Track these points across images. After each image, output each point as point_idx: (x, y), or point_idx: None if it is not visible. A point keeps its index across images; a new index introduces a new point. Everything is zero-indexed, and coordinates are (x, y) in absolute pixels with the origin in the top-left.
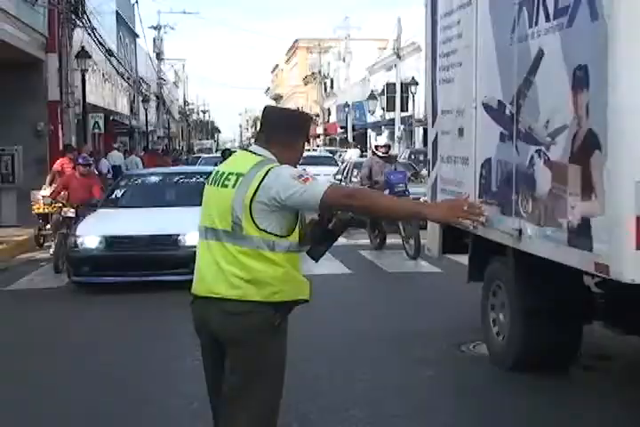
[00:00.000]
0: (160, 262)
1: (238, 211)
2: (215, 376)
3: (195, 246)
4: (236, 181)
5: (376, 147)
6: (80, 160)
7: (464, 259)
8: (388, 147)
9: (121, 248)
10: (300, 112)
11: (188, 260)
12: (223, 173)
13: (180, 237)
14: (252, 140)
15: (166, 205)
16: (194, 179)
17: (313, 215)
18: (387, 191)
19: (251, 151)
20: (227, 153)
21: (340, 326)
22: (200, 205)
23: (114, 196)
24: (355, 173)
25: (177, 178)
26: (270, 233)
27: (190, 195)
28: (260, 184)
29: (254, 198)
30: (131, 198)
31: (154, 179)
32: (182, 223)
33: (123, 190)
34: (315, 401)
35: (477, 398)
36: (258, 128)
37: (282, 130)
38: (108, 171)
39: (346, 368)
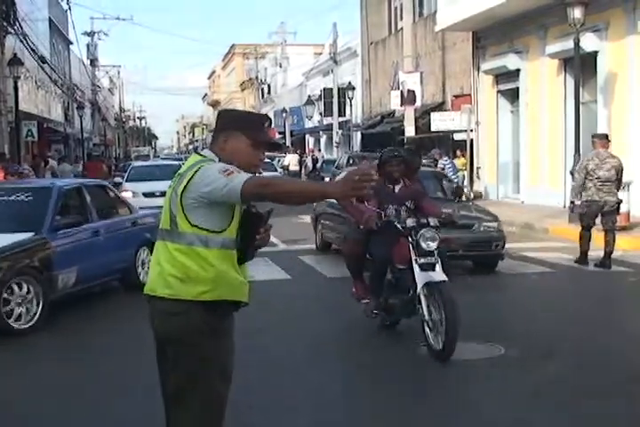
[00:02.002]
0: None
1: (174, 208)
2: (164, 380)
3: None
4: (176, 180)
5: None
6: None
7: None
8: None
9: None
10: (243, 111)
11: None
12: (177, 175)
13: None
14: (190, 147)
15: None
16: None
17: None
18: None
19: (198, 153)
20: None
21: (281, 331)
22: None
23: None
24: None
25: None
26: (203, 228)
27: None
28: (189, 180)
29: (184, 194)
30: None
31: None
32: None
33: None
34: (252, 405)
35: (421, 398)
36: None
37: (221, 129)
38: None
39: (288, 374)
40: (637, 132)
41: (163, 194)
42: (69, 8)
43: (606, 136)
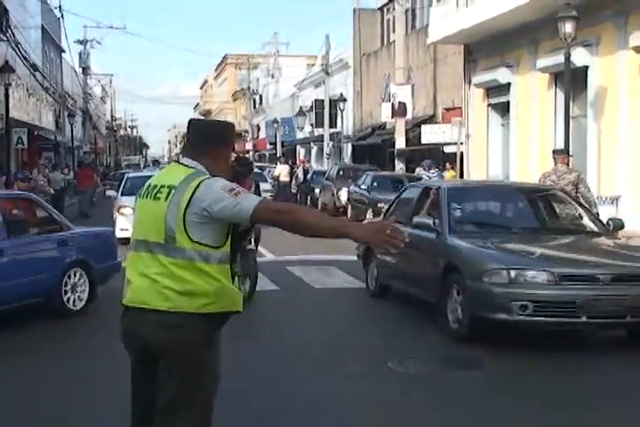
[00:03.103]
0: None
1: (172, 223)
2: (146, 392)
3: None
4: (169, 193)
5: None
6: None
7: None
8: None
9: None
10: (223, 122)
11: None
12: (155, 185)
13: None
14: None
15: None
16: None
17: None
18: None
19: (181, 163)
20: (157, 162)
21: (267, 341)
22: None
23: None
24: None
25: None
26: (203, 244)
27: None
28: (192, 196)
29: (187, 210)
30: None
31: None
32: None
33: None
34: (234, 416)
35: (401, 413)
36: (185, 141)
37: (208, 141)
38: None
39: (271, 384)
40: (626, 146)
41: None
42: (62, 16)
43: (566, 151)
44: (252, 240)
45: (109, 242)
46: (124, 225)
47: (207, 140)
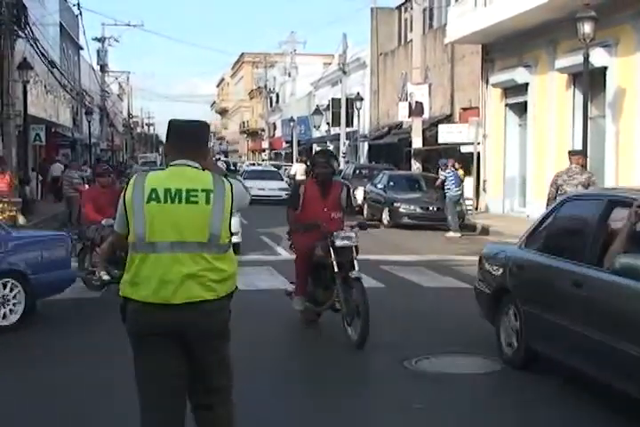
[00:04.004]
0: None
1: (217, 224)
2: (176, 374)
3: None
4: (207, 197)
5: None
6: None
7: (404, 273)
8: None
9: None
10: (204, 122)
11: None
12: (179, 189)
13: None
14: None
15: None
16: None
17: None
18: None
19: (190, 166)
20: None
21: (281, 339)
22: None
23: None
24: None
25: None
26: (231, 234)
27: None
28: (232, 198)
29: (232, 211)
30: None
31: None
32: None
33: None
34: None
35: (417, 414)
36: (171, 142)
37: (203, 142)
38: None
39: (285, 383)
40: None
41: None
42: (80, 13)
43: (582, 152)
44: (354, 262)
45: (60, 249)
46: None
47: (202, 141)
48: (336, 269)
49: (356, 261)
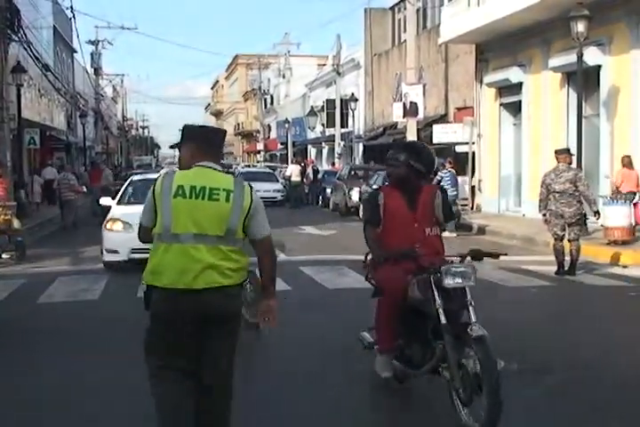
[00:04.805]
0: None
1: (235, 220)
2: (191, 359)
3: None
4: (228, 195)
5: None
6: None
7: None
8: None
9: None
10: (220, 129)
11: None
12: (203, 187)
13: None
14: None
15: None
16: None
17: None
18: None
19: (211, 168)
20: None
21: (282, 340)
22: None
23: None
24: None
25: None
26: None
27: None
28: (251, 202)
29: (249, 211)
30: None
31: None
32: None
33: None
34: (254, 416)
35: (414, 413)
36: (193, 145)
37: (219, 146)
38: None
39: (287, 382)
40: (639, 145)
41: None
42: (74, 16)
43: (568, 150)
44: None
45: None
46: (112, 245)
47: (218, 145)
48: (444, 321)
49: (472, 309)
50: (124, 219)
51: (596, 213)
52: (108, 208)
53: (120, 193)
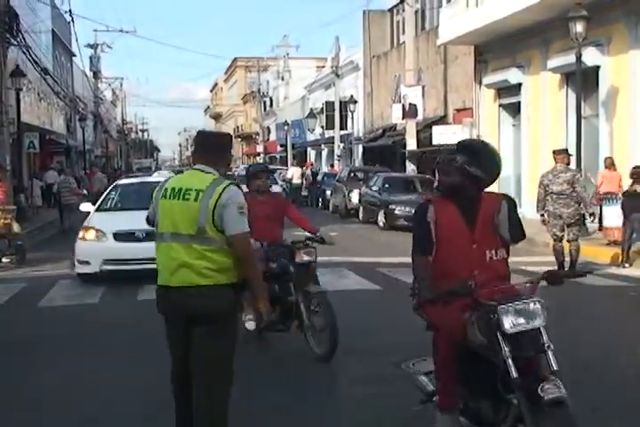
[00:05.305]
0: None
1: (202, 219)
2: (184, 350)
3: None
4: (197, 195)
5: None
6: None
7: (401, 275)
8: None
9: None
10: (225, 133)
11: None
12: (181, 188)
13: None
14: (191, 159)
15: None
16: None
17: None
18: None
19: (200, 170)
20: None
21: (281, 342)
22: None
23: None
24: None
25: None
26: (224, 233)
27: None
28: (218, 200)
29: (215, 210)
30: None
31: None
32: None
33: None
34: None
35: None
36: (194, 150)
37: (218, 150)
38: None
39: (281, 387)
40: (639, 146)
41: (147, 236)
42: (72, 20)
43: (566, 151)
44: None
45: None
46: (83, 256)
47: (217, 149)
48: (514, 374)
49: (551, 353)
50: (99, 227)
51: (591, 214)
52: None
53: (101, 198)
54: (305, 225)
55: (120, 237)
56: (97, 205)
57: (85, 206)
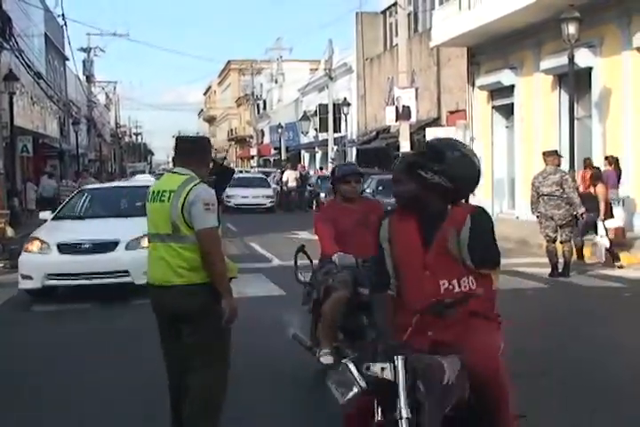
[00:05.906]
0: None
1: (174, 218)
2: (173, 346)
3: None
4: (169, 196)
5: None
6: None
7: None
8: None
9: None
10: (202, 137)
11: None
12: (159, 191)
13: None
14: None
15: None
16: None
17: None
18: None
19: (176, 172)
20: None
21: (280, 344)
22: None
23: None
24: None
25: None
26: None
27: None
28: (185, 198)
29: (184, 208)
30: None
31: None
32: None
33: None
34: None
35: None
36: (174, 154)
37: (194, 153)
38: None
39: (287, 385)
40: (632, 147)
41: (96, 248)
42: (65, 24)
43: (556, 152)
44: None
45: None
46: (26, 270)
47: (194, 152)
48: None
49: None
50: (44, 238)
51: (581, 215)
52: None
53: (61, 205)
54: None
55: (65, 248)
56: (54, 213)
57: (44, 214)
